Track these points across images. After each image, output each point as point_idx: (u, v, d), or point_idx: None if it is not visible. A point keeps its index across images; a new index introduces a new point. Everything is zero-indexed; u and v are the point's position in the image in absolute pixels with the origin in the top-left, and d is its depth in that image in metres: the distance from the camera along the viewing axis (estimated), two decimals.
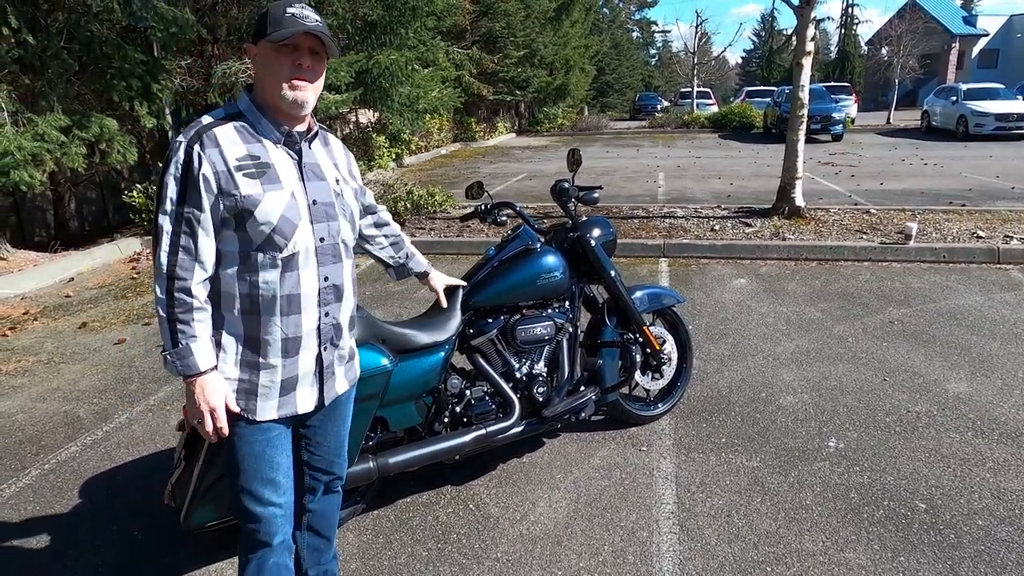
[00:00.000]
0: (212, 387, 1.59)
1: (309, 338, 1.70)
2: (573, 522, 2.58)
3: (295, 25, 1.56)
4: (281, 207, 1.59)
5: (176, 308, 1.55)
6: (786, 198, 7.52)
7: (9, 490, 2.90)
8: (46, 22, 6.19)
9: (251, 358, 1.65)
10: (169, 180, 1.55)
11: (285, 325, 1.65)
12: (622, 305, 3.06)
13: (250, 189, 1.57)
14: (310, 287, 1.67)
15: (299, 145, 1.68)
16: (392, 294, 5.57)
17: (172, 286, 1.55)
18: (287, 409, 1.71)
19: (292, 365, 1.69)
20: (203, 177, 1.54)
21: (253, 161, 1.59)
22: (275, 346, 1.65)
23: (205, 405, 1.59)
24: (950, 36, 34.45)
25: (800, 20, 7.17)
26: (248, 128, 1.62)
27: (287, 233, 1.60)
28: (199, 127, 1.58)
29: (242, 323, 1.64)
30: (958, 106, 17.88)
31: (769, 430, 3.22)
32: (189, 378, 1.57)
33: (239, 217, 1.57)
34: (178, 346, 1.55)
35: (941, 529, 2.46)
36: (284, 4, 1.59)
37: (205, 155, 1.54)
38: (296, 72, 1.60)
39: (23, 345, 4.66)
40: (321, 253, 1.68)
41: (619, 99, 45.90)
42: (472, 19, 18.00)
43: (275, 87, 1.60)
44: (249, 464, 1.70)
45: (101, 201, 8.57)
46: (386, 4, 8.57)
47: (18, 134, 5.63)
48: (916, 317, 4.67)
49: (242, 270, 1.61)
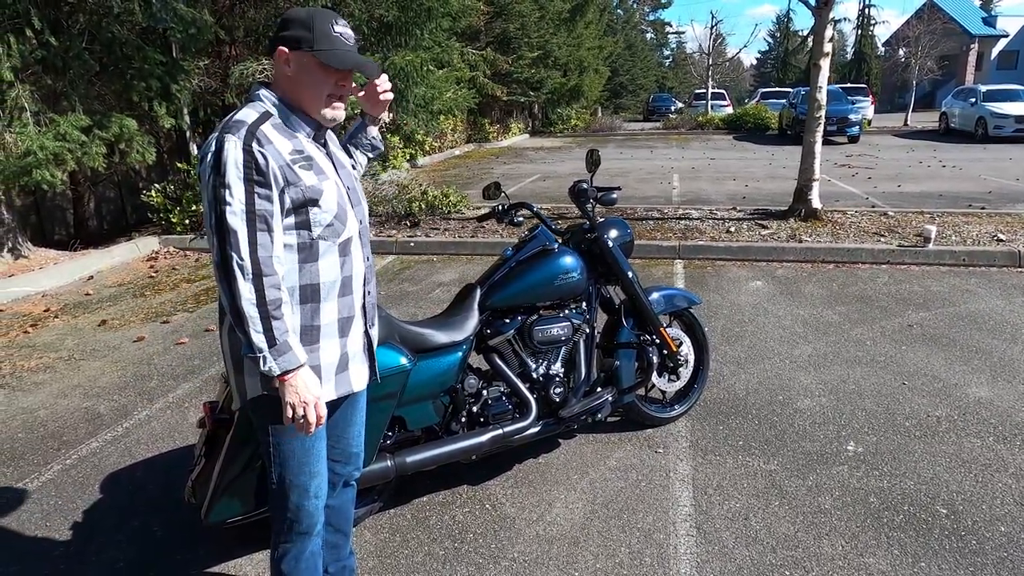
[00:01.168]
0: (311, 378, 1.60)
1: (358, 317, 1.78)
2: (590, 523, 2.58)
3: (346, 48, 1.62)
4: (335, 195, 1.67)
5: (270, 306, 1.53)
6: (803, 200, 7.47)
7: (32, 484, 2.94)
8: (68, 23, 6.28)
9: (310, 346, 1.68)
10: (232, 180, 1.51)
11: (342, 307, 1.72)
12: (639, 306, 3.06)
13: (310, 180, 1.61)
14: (359, 267, 1.77)
15: (323, 138, 1.75)
16: (407, 294, 5.60)
17: (261, 284, 1.52)
18: (343, 388, 1.77)
19: (345, 344, 1.75)
20: (272, 174, 1.55)
21: (300, 155, 1.63)
22: (331, 328, 1.71)
23: (310, 396, 1.58)
24: (969, 37, 34.07)
25: (818, 21, 7.12)
26: (285, 125, 1.65)
27: (344, 218, 1.69)
28: (247, 126, 1.56)
29: (299, 313, 1.65)
30: (977, 108, 17.68)
31: (786, 433, 3.20)
32: (289, 373, 1.56)
33: (303, 207, 1.60)
34: (275, 344, 1.53)
35: (963, 535, 2.44)
36: (329, 18, 1.61)
37: (267, 152, 1.55)
38: (339, 93, 1.67)
39: (44, 342, 4.72)
40: (363, 235, 1.79)
41: (633, 100, 45.76)
42: (487, 20, 18.02)
43: (315, 103, 1.65)
44: (300, 457, 1.74)
45: (119, 200, 8.67)
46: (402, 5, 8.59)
47: (40, 134, 5.71)
48: (935, 321, 4.62)
49: (302, 259, 1.64)
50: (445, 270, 6.38)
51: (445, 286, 5.79)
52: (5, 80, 5.60)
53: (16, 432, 3.42)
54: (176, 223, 7.60)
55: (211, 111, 8.52)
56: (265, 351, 1.53)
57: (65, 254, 6.93)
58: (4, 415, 3.62)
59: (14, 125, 5.70)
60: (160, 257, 7.20)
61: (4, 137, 5.67)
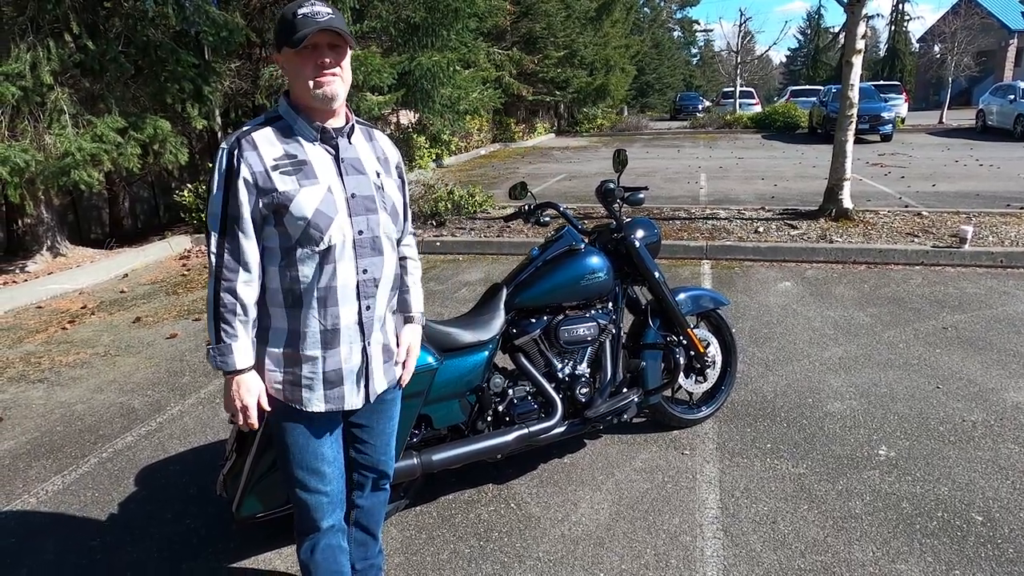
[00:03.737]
0: (247, 385, 1.67)
1: (350, 331, 1.72)
2: (615, 524, 2.57)
3: (308, 25, 1.58)
4: (316, 202, 1.63)
5: (221, 308, 1.63)
6: (833, 200, 7.35)
7: (70, 476, 3.03)
8: (104, 28, 6.44)
9: (293, 351, 1.70)
10: (213, 186, 1.64)
11: (323, 317, 1.69)
12: (666, 307, 3.04)
13: (286, 186, 1.62)
14: (348, 279, 1.69)
15: (335, 140, 1.70)
16: (433, 293, 5.63)
17: (219, 287, 1.63)
18: (334, 404, 1.74)
19: (334, 358, 1.71)
20: (243, 180, 1.61)
21: (290, 159, 1.64)
22: (314, 338, 1.69)
23: (239, 401, 1.67)
24: (1008, 32, 33.16)
25: (850, 17, 6.99)
26: (286, 129, 1.68)
27: (322, 227, 1.64)
28: (239, 133, 1.65)
29: (285, 317, 1.69)
30: (1016, 104, 17.19)
31: (816, 436, 3.15)
32: (228, 374, 1.67)
33: (277, 213, 1.62)
34: (220, 343, 1.64)
35: (999, 543, 2.38)
36: (295, 7, 1.62)
37: (244, 159, 1.61)
38: (320, 71, 1.63)
39: (81, 338, 4.85)
40: (359, 246, 1.69)
41: (659, 99, 45.39)
42: (513, 20, 18.04)
43: (304, 88, 1.64)
44: (295, 453, 1.77)
45: (153, 200, 8.87)
46: (429, 6, 8.64)
47: (79, 135, 5.87)
48: (972, 323, 4.51)
49: (284, 265, 1.66)
50: (471, 270, 6.40)
51: (471, 285, 5.81)
52: (45, 83, 5.77)
53: (55, 425, 3.52)
54: None
55: (242, 112, 8.67)
56: (213, 344, 1.66)
57: (101, 252, 7.11)
58: (43, 409, 3.73)
59: (53, 127, 5.86)
60: (192, 256, 7.34)
61: (44, 139, 5.83)
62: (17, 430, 3.49)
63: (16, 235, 6.85)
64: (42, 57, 5.75)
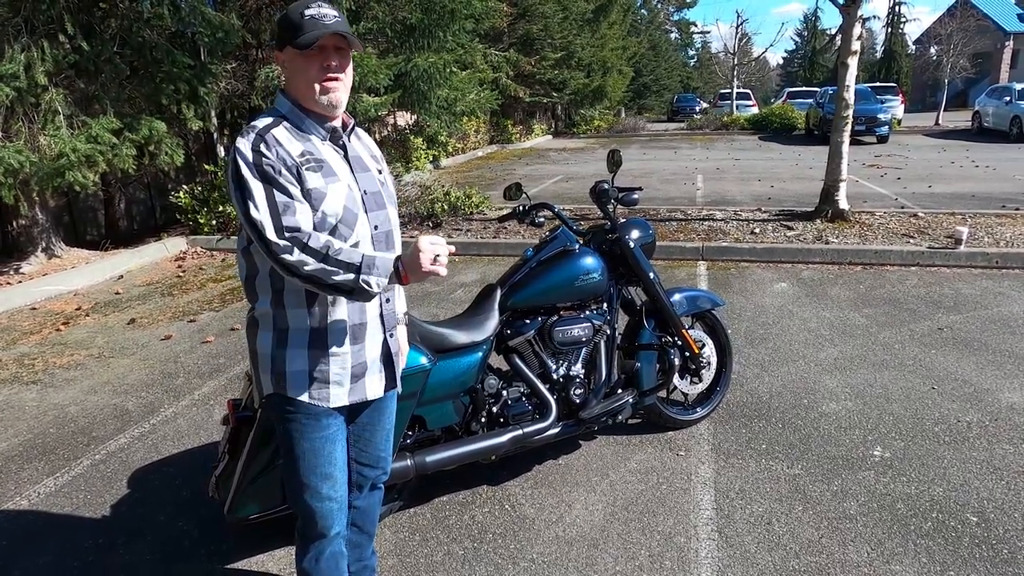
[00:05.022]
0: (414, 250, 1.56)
1: (374, 324, 1.74)
2: (609, 525, 2.56)
3: (317, 28, 1.57)
4: (343, 199, 1.63)
5: (324, 250, 1.53)
6: (829, 201, 7.36)
7: (63, 478, 3.01)
8: (100, 28, 6.42)
9: (320, 349, 1.68)
10: (248, 178, 1.55)
11: (351, 312, 1.69)
12: (661, 307, 3.04)
13: (315, 183, 1.60)
14: None
15: (343, 139, 1.72)
16: (429, 294, 5.62)
17: (305, 245, 1.52)
18: (357, 395, 1.75)
19: (360, 352, 1.73)
20: (284, 163, 1.56)
21: (312, 157, 1.62)
22: (343, 334, 1.69)
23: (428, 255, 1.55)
24: (1004, 34, 33.25)
25: (846, 19, 7.00)
26: (295, 128, 1.65)
27: (351, 223, 1.64)
28: (256, 130, 1.60)
29: (308, 316, 1.66)
30: (1012, 106, 17.22)
31: (811, 437, 3.15)
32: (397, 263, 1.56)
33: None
34: (359, 267, 1.53)
35: (994, 544, 2.37)
36: (301, 6, 1.60)
37: (271, 151, 1.56)
38: (325, 73, 1.62)
39: (75, 339, 4.83)
40: (376, 241, 1.72)
41: (657, 101, 45.44)
42: (510, 21, 18.04)
43: (308, 91, 1.63)
44: (309, 459, 1.74)
45: (149, 201, 8.84)
46: (425, 8, 8.63)
47: (73, 136, 5.85)
48: (967, 324, 4.51)
49: None
50: (466, 270, 6.39)
51: (466, 286, 5.80)
52: (39, 84, 5.75)
53: (48, 427, 3.51)
54: (203, 224, 7.73)
55: (238, 113, 8.65)
56: (361, 280, 1.53)
57: (96, 254, 7.09)
58: (36, 411, 3.71)
59: (48, 128, 5.84)
60: (188, 257, 7.33)
61: (38, 140, 5.81)
62: (10, 432, 3.47)
63: (11, 236, 6.82)
64: (36, 58, 5.73)
